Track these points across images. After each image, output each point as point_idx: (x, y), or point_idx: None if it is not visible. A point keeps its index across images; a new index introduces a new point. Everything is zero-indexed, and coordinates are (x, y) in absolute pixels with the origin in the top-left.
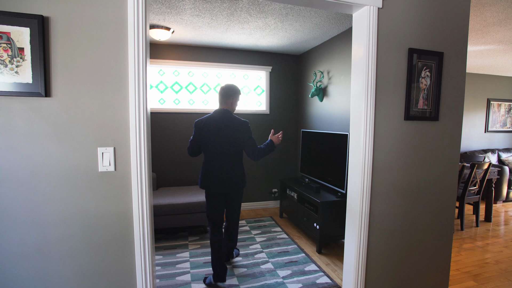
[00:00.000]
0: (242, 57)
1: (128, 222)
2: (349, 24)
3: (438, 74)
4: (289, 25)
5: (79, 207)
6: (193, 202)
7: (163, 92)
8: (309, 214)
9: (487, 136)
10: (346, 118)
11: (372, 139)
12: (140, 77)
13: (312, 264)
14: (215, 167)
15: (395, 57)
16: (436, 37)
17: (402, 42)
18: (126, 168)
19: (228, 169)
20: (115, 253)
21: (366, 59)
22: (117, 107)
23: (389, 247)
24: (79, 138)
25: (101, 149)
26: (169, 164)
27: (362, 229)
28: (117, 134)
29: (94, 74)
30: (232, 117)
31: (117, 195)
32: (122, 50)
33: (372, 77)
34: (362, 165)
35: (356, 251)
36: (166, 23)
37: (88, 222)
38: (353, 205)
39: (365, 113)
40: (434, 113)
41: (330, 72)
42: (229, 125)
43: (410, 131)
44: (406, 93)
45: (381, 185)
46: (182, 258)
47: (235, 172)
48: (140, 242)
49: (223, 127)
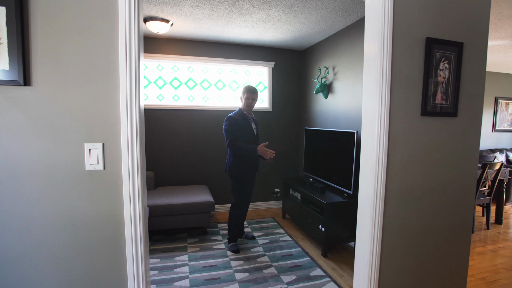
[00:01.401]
0: (243, 52)
1: (118, 225)
2: (356, 17)
3: (457, 67)
4: (293, 17)
5: (64, 208)
6: (192, 203)
7: (162, 88)
8: (314, 216)
9: (495, 135)
10: (353, 116)
11: (386, 137)
12: (132, 66)
13: (317, 269)
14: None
15: (411, 47)
16: (455, 26)
17: (419, 30)
18: (116, 166)
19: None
20: (104, 259)
21: (380, 49)
22: (106, 98)
23: (404, 253)
24: (63, 132)
25: (88, 145)
26: (168, 162)
27: (375, 234)
28: (106, 129)
29: (81, 62)
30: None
31: (106, 196)
32: (112, 36)
33: (387, 69)
34: (375, 164)
35: (368, 258)
36: (165, 15)
37: (74, 225)
38: (365, 208)
39: (379, 108)
40: (453, 109)
41: (336, 68)
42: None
43: (427, 128)
44: (424, 87)
45: (396, 186)
46: (180, 261)
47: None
48: (132, 247)
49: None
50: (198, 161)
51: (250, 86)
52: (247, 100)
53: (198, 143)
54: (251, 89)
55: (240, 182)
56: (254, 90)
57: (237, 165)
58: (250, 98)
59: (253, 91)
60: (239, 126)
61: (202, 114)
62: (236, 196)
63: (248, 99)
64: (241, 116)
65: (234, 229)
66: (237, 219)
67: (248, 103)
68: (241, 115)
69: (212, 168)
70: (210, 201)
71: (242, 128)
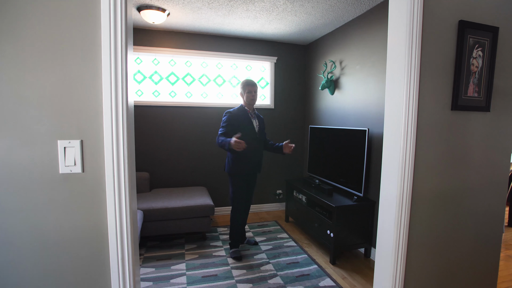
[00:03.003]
0: (245, 46)
1: (100, 240)
2: (367, 6)
3: (492, 55)
4: (300, 6)
5: (32, 222)
6: (190, 206)
7: (158, 84)
8: (321, 220)
9: None
10: (363, 113)
11: (414, 134)
12: (118, 42)
13: (327, 278)
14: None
15: (442, 32)
16: (490, 8)
17: (452, 12)
18: (98, 168)
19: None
20: (84, 280)
21: (409, 33)
22: (84, 83)
23: (431, 264)
24: (30, 126)
25: (62, 142)
26: (164, 162)
27: (399, 245)
28: (85, 122)
29: (53, 39)
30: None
31: (85, 205)
32: (93, 7)
33: (416, 56)
34: (401, 165)
35: (391, 272)
36: (161, 3)
37: (45, 242)
38: (388, 215)
39: (406, 102)
40: (485, 102)
41: (343, 62)
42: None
43: (458, 124)
44: (455, 77)
45: (424, 190)
46: (177, 271)
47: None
48: (118, 266)
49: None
50: (196, 161)
51: (249, 79)
52: (249, 94)
53: (196, 142)
54: (250, 82)
55: (239, 183)
56: (254, 83)
57: (236, 164)
58: (252, 91)
59: (253, 84)
60: (238, 121)
61: (201, 111)
62: (235, 198)
63: (250, 92)
64: (241, 112)
65: (234, 234)
66: (237, 223)
67: (250, 97)
68: (241, 110)
69: (211, 169)
70: (210, 204)
71: (241, 124)
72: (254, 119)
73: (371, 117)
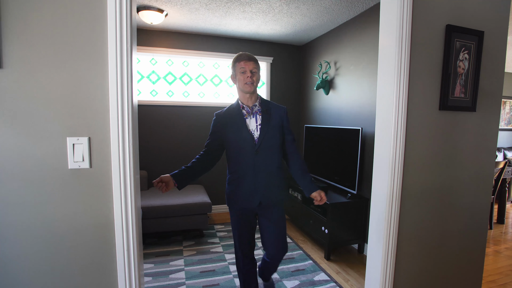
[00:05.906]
0: (241, 47)
1: (107, 234)
2: (361, 9)
3: (477, 57)
4: (295, 8)
5: (43, 215)
6: (188, 203)
7: (155, 83)
8: (316, 217)
9: None
10: (356, 112)
11: (404, 133)
12: (123, 43)
13: (321, 273)
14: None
15: (430, 35)
16: (476, 12)
17: (439, 17)
18: (105, 164)
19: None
20: (91, 273)
21: (398, 37)
22: (92, 84)
23: (420, 259)
24: (41, 124)
25: (71, 139)
26: (162, 161)
27: (390, 239)
28: (93, 120)
29: (62, 40)
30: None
31: (93, 199)
32: (100, 9)
33: (405, 60)
34: (391, 163)
35: (382, 265)
36: (159, 4)
37: (55, 234)
38: (379, 211)
39: (396, 102)
40: (471, 103)
41: (338, 63)
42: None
43: (445, 123)
44: (443, 78)
45: (413, 186)
46: (176, 266)
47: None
48: (124, 257)
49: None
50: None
51: (241, 53)
52: (242, 76)
53: (193, 141)
54: (242, 56)
55: (234, 218)
56: (247, 56)
57: (228, 190)
58: (246, 69)
59: (246, 57)
60: (225, 126)
61: (198, 111)
62: (234, 240)
63: (243, 72)
64: (232, 111)
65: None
66: (240, 272)
67: (243, 79)
68: (232, 108)
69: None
70: (207, 202)
71: (228, 128)
72: (251, 118)
73: (364, 117)
